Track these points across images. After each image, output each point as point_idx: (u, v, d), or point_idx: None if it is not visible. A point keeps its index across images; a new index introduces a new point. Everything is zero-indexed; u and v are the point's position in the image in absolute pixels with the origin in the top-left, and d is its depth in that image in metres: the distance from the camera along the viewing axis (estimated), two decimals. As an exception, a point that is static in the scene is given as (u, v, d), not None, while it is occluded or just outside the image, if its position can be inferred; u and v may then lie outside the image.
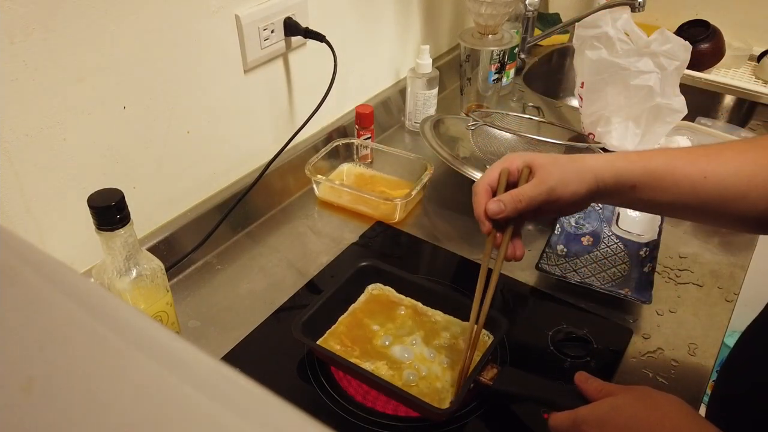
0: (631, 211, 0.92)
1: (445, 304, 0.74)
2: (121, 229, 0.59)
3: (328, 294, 0.72)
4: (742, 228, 0.62)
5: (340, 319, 0.73)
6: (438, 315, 0.74)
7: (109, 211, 0.57)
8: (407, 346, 0.69)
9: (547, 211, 0.61)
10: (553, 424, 0.56)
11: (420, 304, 0.75)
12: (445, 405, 0.63)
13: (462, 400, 0.61)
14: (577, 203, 0.59)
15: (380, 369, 0.67)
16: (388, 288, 0.77)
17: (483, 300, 0.62)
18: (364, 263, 0.77)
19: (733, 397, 0.62)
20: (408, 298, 0.76)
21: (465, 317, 0.72)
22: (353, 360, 0.67)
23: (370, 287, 0.77)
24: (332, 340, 0.71)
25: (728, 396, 0.63)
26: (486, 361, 0.64)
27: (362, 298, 0.76)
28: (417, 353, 0.69)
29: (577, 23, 1.08)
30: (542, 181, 0.58)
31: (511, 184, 0.61)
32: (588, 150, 1.01)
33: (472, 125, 0.98)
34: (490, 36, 1.14)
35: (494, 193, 0.61)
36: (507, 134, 0.98)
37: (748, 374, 0.60)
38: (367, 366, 0.67)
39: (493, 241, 0.62)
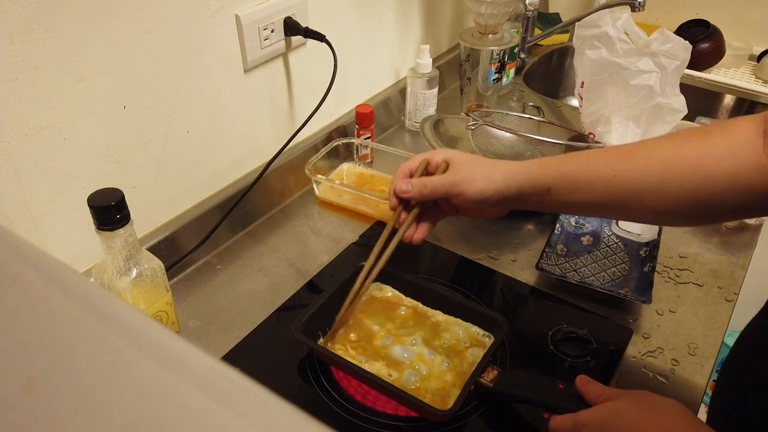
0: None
1: (446, 305, 0.74)
2: (121, 229, 0.59)
3: (328, 294, 0.72)
4: (659, 221, 0.64)
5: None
6: (439, 315, 0.73)
7: (109, 210, 0.57)
8: (407, 346, 0.69)
9: (463, 207, 0.65)
10: (553, 426, 0.56)
11: (420, 305, 0.75)
12: (446, 405, 0.63)
13: (462, 401, 0.61)
14: (486, 202, 0.62)
15: (380, 369, 0.67)
16: (388, 288, 0.77)
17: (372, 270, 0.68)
18: (363, 264, 0.77)
19: (734, 396, 0.62)
20: (408, 298, 0.76)
21: (467, 318, 0.72)
22: (352, 360, 0.67)
23: (370, 287, 0.77)
24: (332, 341, 0.71)
25: (729, 395, 0.63)
26: (486, 362, 0.64)
27: (363, 298, 0.76)
28: (417, 353, 0.69)
29: (577, 23, 1.08)
30: (451, 174, 0.63)
31: (429, 174, 0.66)
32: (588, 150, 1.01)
33: (472, 125, 0.98)
34: (490, 36, 1.14)
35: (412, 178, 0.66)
36: (507, 134, 0.98)
37: (748, 373, 0.61)
38: (367, 366, 0.67)
39: (397, 219, 0.66)
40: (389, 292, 0.77)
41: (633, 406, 0.53)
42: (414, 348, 0.69)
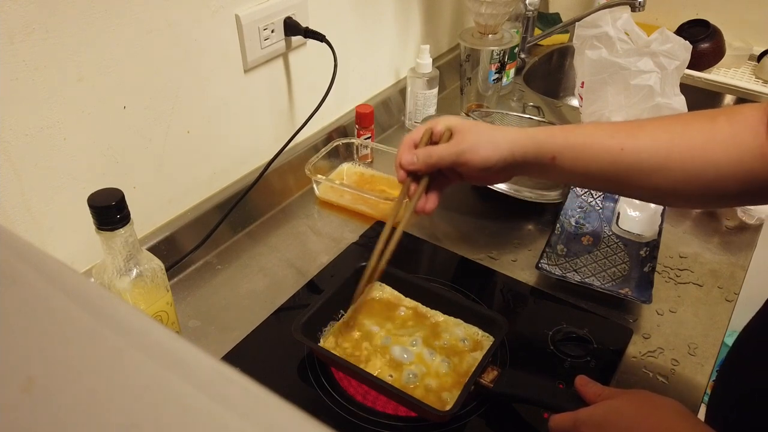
0: (631, 210, 0.92)
1: (446, 305, 0.74)
2: (121, 229, 0.59)
3: (328, 294, 0.72)
4: (659, 200, 0.64)
5: (341, 318, 0.73)
6: (439, 316, 0.73)
7: (109, 210, 0.57)
8: (407, 346, 0.69)
9: (467, 175, 0.64)
10: (553, 425, 0.56)
11: (420, 305, 0.75)
12: (446, 406, 0.63)
13: (462, 402, 0.61)
14: (491, 170, 0.62)
15: (379, 370, 0.67)
16: (388, 288, 0.77)
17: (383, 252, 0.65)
18: (364, 264, 0.77)
19: (731, 401, 0.62)
20: (408, 299, 0.76)
21: (466, 318, 0.72)
22: (352, 360, 0.67)
23: (369, 287, 0.77)
24: (332, 341, 0.71)
25: (727, 399, 0.63)
26: (486, 363, 0.64)
27: (362, 298, 0.76)
28: (417, 354, 0.69)
29: (577, 23, 1.08)
30: (455, 144, 0.62)
31: (433, 144, 0.65)
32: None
33: (472, 125, 0.98)
34: (490, 36, 1.14)
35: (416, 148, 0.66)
36: (507, 134, 0.98)
37: (745, 377, 0.60)
38: (367, 366, 0.67)
39: (407, 191, 0.66)
40: (389, 292, 0.77)
41: (632, 404, 0.53)
42: (414, 348, 0.69)
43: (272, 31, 0.87)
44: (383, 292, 0.77)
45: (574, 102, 1.19)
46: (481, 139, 0.61)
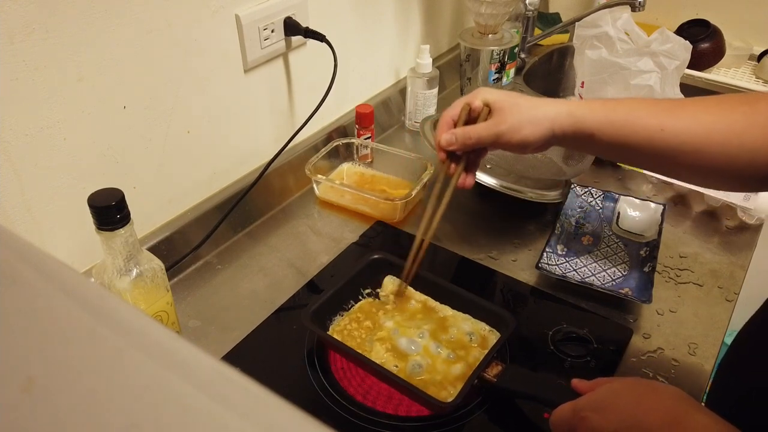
0: (631, 210, 0.92)
1: (456, 301, 0.74)
2: (121, 229, 0.59)
3: (339, 284, 0.72)
4: (694, 180, 0.65)
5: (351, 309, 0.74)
6: (447, 310, 0.74)
7: (109, 210, 0.57)
8: (414, 338, 0.70)
9: (505, 149, 0.65)
10: (553, 418, 0.56)
11: (431, 299, 0.75)
12: (448, 399, 0.63)
13: (465, 396, 0.61)
14: (530, 145, 0.62)
15: (385, 360, 0.67)
16: (399, 281, 0.77)
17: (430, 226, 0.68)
18: (376, 256, 0.77)
19: (729, 401, 0.62)
20: (419, 293, 0.76)
21: (476, 314, 0.73)
22: (358, 349, 0.67)
23: (386, 280, 0.77)
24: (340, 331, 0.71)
25: (725, 399, 0.63)
26: (491, 357, 0.64)
27: (381, 291, 0.76)
28: (424, 346, 0.69)
29: (577, 23, 1.08)
30: (495, 124, 0.62)
31: (472, 120, 0.65)
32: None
33: (472, 125, 0.98)
34: (490, 35, 1.14)
35: (455, 126, 0.66)
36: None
37: (743, 377, 0.60)
38: (372, 356, 0.67)
39: (447, 170, 0.66)
40: (401, 284, 0.77)
41: (631, 387, 0.52)
42: (421, 340, 0.69)
43: (272, 31, 0.87)
44: (395, 284, 0.77)
45: (574, 102, 1.19)
46: (522, 119, 0.61)
